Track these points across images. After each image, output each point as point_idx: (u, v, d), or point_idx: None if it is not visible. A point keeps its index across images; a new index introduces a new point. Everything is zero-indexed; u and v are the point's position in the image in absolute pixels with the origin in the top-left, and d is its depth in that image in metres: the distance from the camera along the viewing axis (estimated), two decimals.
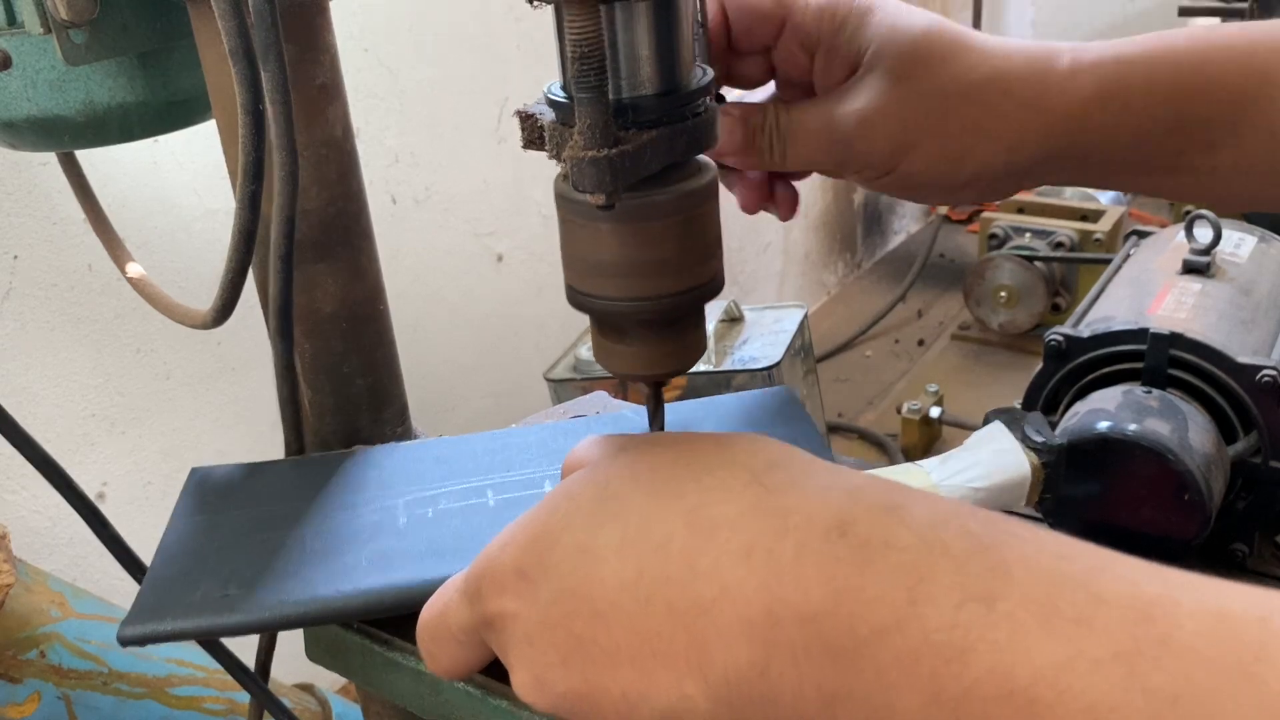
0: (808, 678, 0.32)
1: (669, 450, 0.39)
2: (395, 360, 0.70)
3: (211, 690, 1.02)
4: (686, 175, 0.45)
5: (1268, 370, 0.64)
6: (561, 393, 1.51)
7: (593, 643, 0.36)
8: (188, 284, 1.20)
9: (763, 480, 0.36)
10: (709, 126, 0.45)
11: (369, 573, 0.51)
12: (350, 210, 0.63)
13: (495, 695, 0.49)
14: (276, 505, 0.58)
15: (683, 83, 0.44)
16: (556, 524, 0.38)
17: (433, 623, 0.42)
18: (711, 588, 0.34)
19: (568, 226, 0.46)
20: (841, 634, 0.31)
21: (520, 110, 0.45)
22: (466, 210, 1.58)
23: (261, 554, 0.53)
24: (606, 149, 0.40)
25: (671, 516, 0.36)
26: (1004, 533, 0.32)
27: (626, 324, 0.47)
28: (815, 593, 0.32)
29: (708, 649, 0.34)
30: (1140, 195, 0.80)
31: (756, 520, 0.34)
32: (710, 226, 0.47)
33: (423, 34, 1.45)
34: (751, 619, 0.33)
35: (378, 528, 0.55)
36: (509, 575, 0.38)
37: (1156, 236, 0.87)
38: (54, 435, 1.13)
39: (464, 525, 0.54)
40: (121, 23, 0.62)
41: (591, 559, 0.36)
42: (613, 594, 0.35)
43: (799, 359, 1.54)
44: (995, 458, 0.56)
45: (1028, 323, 1.86)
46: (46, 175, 1.06)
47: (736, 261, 2.12)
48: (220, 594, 0.51)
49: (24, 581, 0.92)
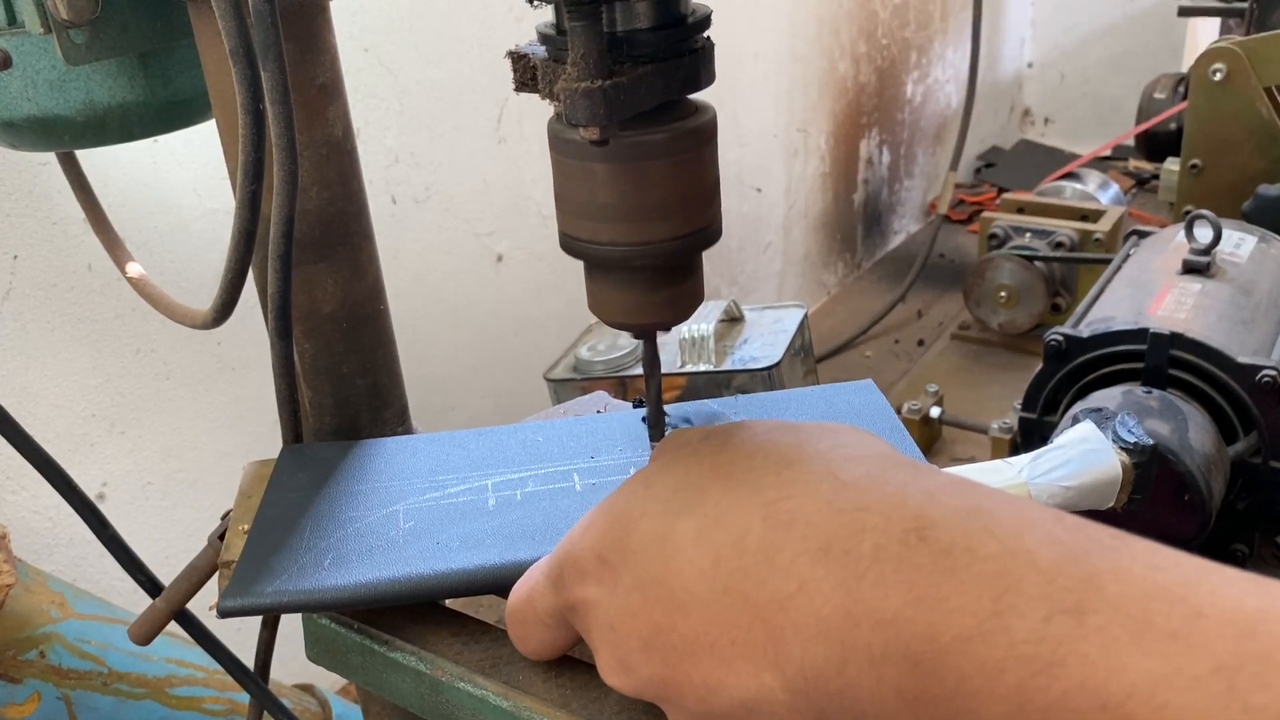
0: (886, 680, 0.32)
1: (748, 441, 0.39)
2: (395, 360, 0.70)
3: (211, 690, 1.02)
4: (684, 115, 0.44)
5: (1268, 370, 0.64)
6: (561, 393, 1.51)
7: (672, 630, 0.36)
8: (188, 284, 1.20)
9: (840, 475, 0.36)
10: (706, 63, 0.44)
11: (461, 552, 0.52)
12: (350, 210, 0.63)
13: (496, 695, 0.49)
14: (368, 483, 0.59)
15: (680, 16, 0.43)
16: (635, 512, 0.39)
17: (520, 606, 0.44)
18: (789, 583, 0.34)
19: (560, 168, 0.45)
20: (922, 640, 0.31)
21: (512, 50, 0.43)
22: (466, 210, 1.58)
23: (356, 530, 0.55)
24: (600, 80, 0.39)
25: (749, 509, 0.36)
26: (1093, 541, 0.31)
27: (620, 270, 0.46)
28: (894, 597, 0.32)
29: (785, 644, 0.34)
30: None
31: (833, 516, 0.34)
32: (708, 169, 0.45)
33: (423, 34, 1.45)
34: (829, 618, 0.33)
35: (468, 508, 0.56)
36: (591, 562, 0.39)
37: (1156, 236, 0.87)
38: (54, 435, 1.13)
39: (552, 508, 0.55)
40: (121, 23, 0.62)
41: (670, 548, 0.37)
42: (691, 584, 0.36)
43: (799, 359, 1.54)
44: (1086, 457, 0.56)
45: (1028, 323, 1.86)
46: (46, 175, 1.06)
47: (736, 261, 2.12)
48: (316, 568, 0.52)
49: (24, 582, 0.92)
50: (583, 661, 0.49)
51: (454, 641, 0.52)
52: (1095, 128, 3.01)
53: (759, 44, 2.10)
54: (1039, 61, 3.23)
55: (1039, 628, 0.29)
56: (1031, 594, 0.30)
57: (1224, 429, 0.74)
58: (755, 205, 2.14)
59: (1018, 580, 0.30)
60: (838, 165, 2.44)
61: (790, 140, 2.25)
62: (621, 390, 1.48)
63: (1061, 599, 0.29)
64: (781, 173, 2.22)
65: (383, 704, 0.65)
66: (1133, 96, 2.41)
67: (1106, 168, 2.46)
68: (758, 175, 2.14)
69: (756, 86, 2.12)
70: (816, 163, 2.36)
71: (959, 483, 0.35)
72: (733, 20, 2.00)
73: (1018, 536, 0.32)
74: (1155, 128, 2.24)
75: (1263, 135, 1.40)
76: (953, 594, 0.31)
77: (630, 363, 1.51)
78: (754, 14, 2.08)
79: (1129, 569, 0.30)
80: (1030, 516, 0.33)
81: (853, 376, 2.16)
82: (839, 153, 2.43)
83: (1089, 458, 0.56)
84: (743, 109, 2.08)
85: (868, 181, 2.58)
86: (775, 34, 2.15)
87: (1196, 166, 1.46)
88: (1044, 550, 0.31)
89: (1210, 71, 1.41)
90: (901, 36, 2.58)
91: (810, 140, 2.32)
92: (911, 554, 0.32)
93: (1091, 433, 0.57)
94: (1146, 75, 2.43)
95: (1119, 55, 3.00)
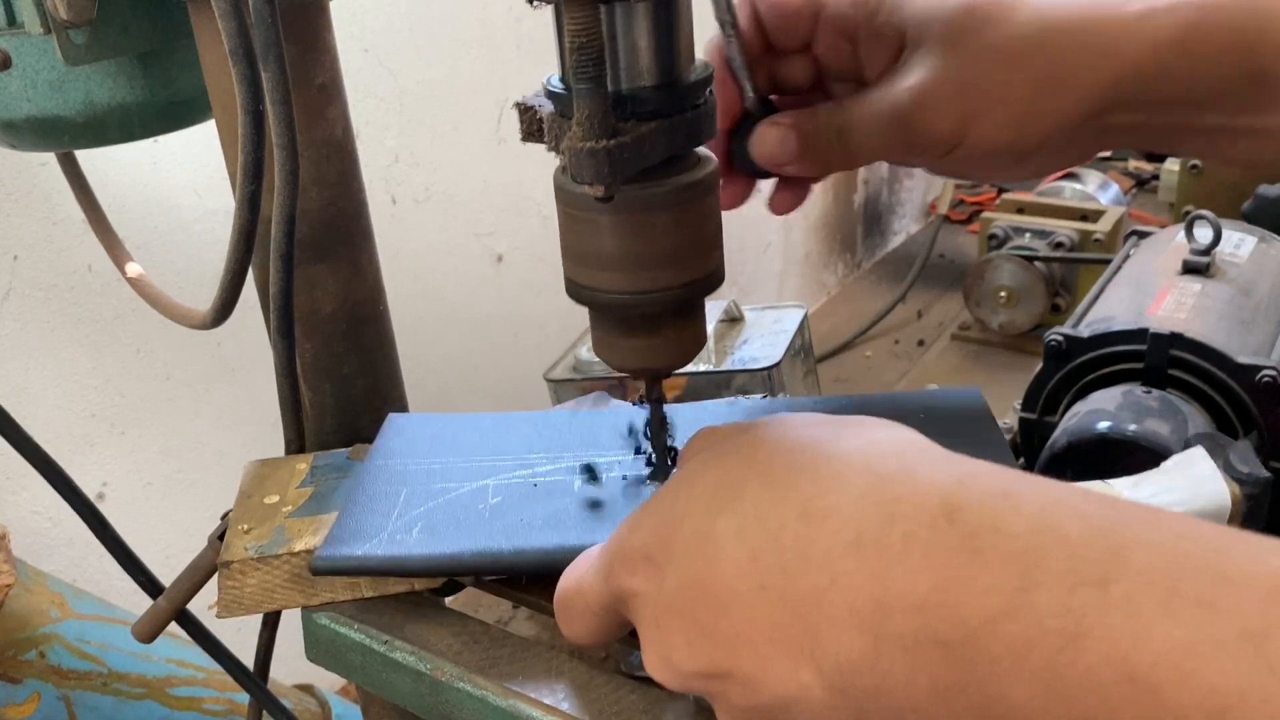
0: (919, 669, 0.31)
1: (786, 437, 0.39)
2: (395, 360, 0.70)
3: (211, 690, 1.02)
4: (686, 168, 0.45)
5: (1268, 370, 0.64)
6: (561, 393, 1.51)
7: (715, 629, 0.36)
8: (187, 284, 1.19)
9: (875, 468, 0.36)
10: (708, 119, 0.45)
11: (543, 531, 0.53)
12: (350, 210, 0.63)
13: (496, 695, 0.49)
14: (462, 457, 0.61)
15: (682, 75, 0.44)
16: (679, 511, 0.39)
17: (569, 594, 0.44)
18: (823, 578, 0.34)
19: (567, 219, 0.46)
20: (951, 624, 0.31)
21: (519, 102, 0.45)
22: (466, 210, 1.57)
23: (446, 502, 0.56)
24: (605, 140, 0.40)
25: (786, 506, 0.36)
26: (1121, 515, 0.31)
27: (625, 317, 0.47)
28: (923, 582, 0.32)
29: (820, 639, 0.34)
30: (1202, 158, 0.79)
31: (866, 509, 0.34)
32: (710, 219, 0.47)
33: (423, 34, 1.45)
34: (861, 609, 0.33)
35: (554, 489, 0.57)
36: (638, 559, 0.40)
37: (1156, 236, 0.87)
38: (54, 435, 1.13)
39: (635, 495, 0.56)
40: (121, 23, 0.62)
41: (712, 547, 0.37)
42: (732, 581, 0.36)
43: (799, 359, 1.54)
44: (1193, 484, 0.54)
45: (1028, 323, 1.86)
46: (46, 175, 1.06)
47: (736, 262, 2.12)
48: (405, 534, 0.54)
49: (24, 582, 0.92)
50: (583, 661, 0.50)
51: (454, 641, 0.52)
52: None
53: None
54: None
55: (1064, 599, 0.29)
56: (1056, 567, 0.29)
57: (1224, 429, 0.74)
58: (755, 205, 2.14)
59: (1043, 554, 0.30)
60: None
61: None
62: (621, 391, 1.48)
63: (1086, 571, 0.29)
64: None
65: (383, 704, 0.65)
66: None
67: (1106, 168, 2.46)
68: None
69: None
70: None
71: (991, 468, 0.35)
72: None
73: (1044, 513, 0.31)
74: None
75: None
76: (979, 573, 0.31)
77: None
78: None
79: (1157, 540, 0.29)
80: (1058, 494, 0.32)
81: (853, 377, 2.13)
82: None
83: (1197, 485, 0.54)
84: None
85: (868, 182, 2.58)
86: None
87: (1196, 167, 1.46)
88: (1070, 524, 0.31)
89: None
90: None
91: None
92: (940, 537, 0.32)
93: (1201, 459, 0.55)
94: None
95: None
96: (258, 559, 0.56)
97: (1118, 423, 0.63)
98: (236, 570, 0.56)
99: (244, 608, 0.56)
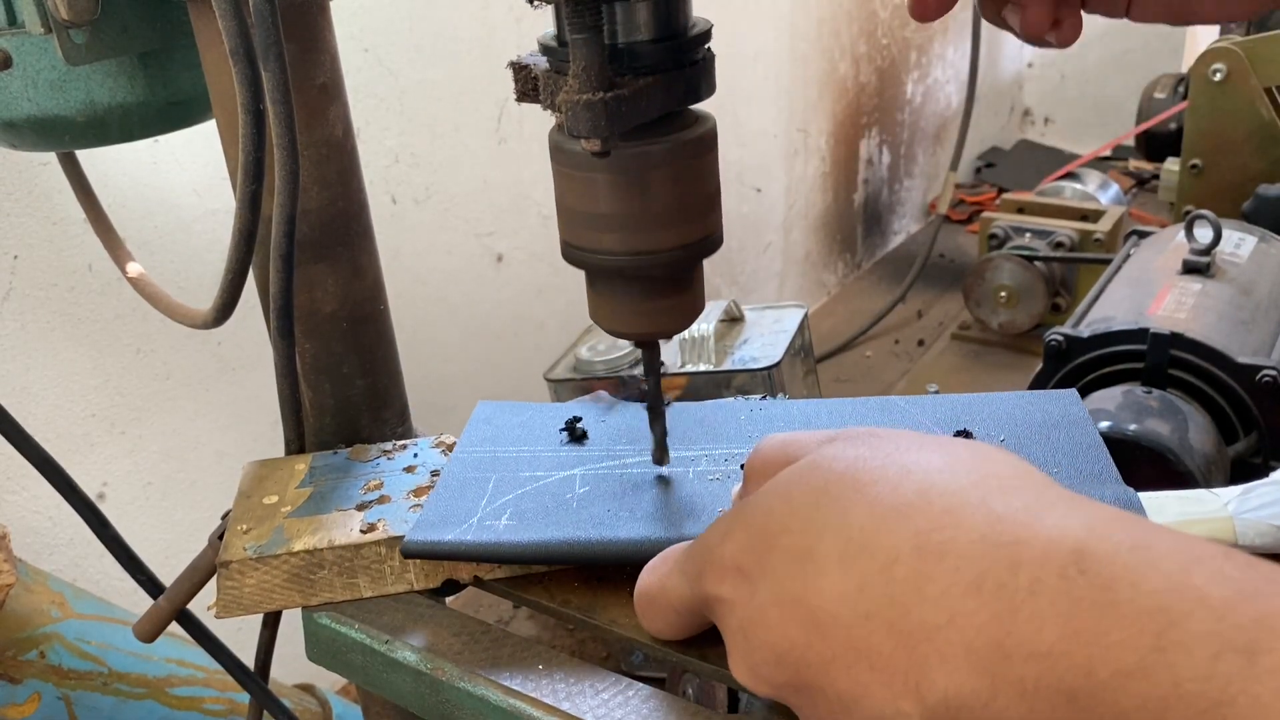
0: (1038, 712, 0.31)
1: (892, 460, 0.38)
2: (395, 360, 0.70)
3: (211, 690, 1.02)
4: (684, 125, 0.44)
5: (1268, 370, 0.64)
6: (561, 393, 1.51)
7: (807, 648, 0.36)
8: (188, 284, 1.20)
9: (994, 506, 0.35)
10: (707, 74, 0.44)
11: (629, 523, 0.53)
12: (350, 210, 0.63)
13: (496, 695, 0.49)
14: (552, 446, 0.61)
15: (681, 28, 0.43)
16: (775, 525, 0.39)
17: (652, 591, 0.45)
18: (939, 615, 0.34)
19: (562, 178, 0.45)
20: (1078, 674, 0.30)
21: (513, 61, 0.44)
22: (466, 210, 1.57)
23: (535, 490, 0.57)
24: (602, 92, 0.39)
25: (898, 537, 0.35)
26: (1265, 580, 0.30)
27: (620, 279, 0.47)
28: (1050, 631, 0.31)
29: (929, 672, 0.33)
30: None
31: (988, 550, 0.34)
32: (708, 179, 0.46)
33: (423, 34, 1.45)
34: (979, 650, 0.32)
35: (640, 481, 0.57)
36: (728, 570, 0.40)
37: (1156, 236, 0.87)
38: (54, 435, 1.13)
39: (721, 490, 0.56)
40: (122, 23, 0.62)
41: (812, 567, 0.37)
42: (832, 605, 0.36)
43: (799, 359, 1.54)
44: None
45: (1028, 323, 1.86)
46: (46, 175, 1.06)
47: (736, 261, 2.12)
48: (494, 521, 0.54)
49: (24, 581, 0.92)
50: (583, 661, 0.50)
51: (454, 641, 0.52)
52: (1095, 128, 3.01)
53: (759, 44, 2.10)
54: (1039, 61, 3.23)
55: (1207, 665, 0.28)
56: (1199, 630, 0.29)
57: (1224, 429, 0.74)
58: (755, 205, 2.14)
59: (1184, 616, 0.30)
60: (838, 165, 2.44)
61: (790, 140, 2.25)
62: (622, 390, 1.48)
63: (1232, 637, 0.29)
64: (781, 173, 2.22)
65: (383, 704, 0.65)
66: (1133, 96, 2.41)
67: (1106, 168, 2.46)
68: (758, 175, 2.14)
69: (756, 87, 2.12)
70: (817, 163, 2.36)
71: (1122, 516, 0.34)
72: (733, 20, 2.00)
73: (1184, 571, 0.31)
74: (1155, 128, 2.24)
75: (1263, 135, 1.40)
76: (1113, 628, 0.30)
77: (630, 363, 1.51)
78: (754, 14, 2.08)
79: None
80: (1197, 552, 0.32)
81: (853, 376, 2.13)
82: (839, 153, 2.43)
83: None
84: (743, 109, 2.08)
85: (868, 181, 2.58)
86: (775, 34, 2.15)
87: (1196, 166, 1.46)
88: (1213, 587, 0.30)
89: (1210, 71, 1.41)
90: (902, 36, 2.58)
91: (810, 140, 2.32)
92: (1070, 587, 0.32)
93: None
94: (1146, 75, 2.43)
95: (1119, 55, 2.99)
96: (256, 559, 0.56)
97: (1118, 422, 0.63)
98: (235, 570, 0.56)
99: (242, 608, 0.56)
